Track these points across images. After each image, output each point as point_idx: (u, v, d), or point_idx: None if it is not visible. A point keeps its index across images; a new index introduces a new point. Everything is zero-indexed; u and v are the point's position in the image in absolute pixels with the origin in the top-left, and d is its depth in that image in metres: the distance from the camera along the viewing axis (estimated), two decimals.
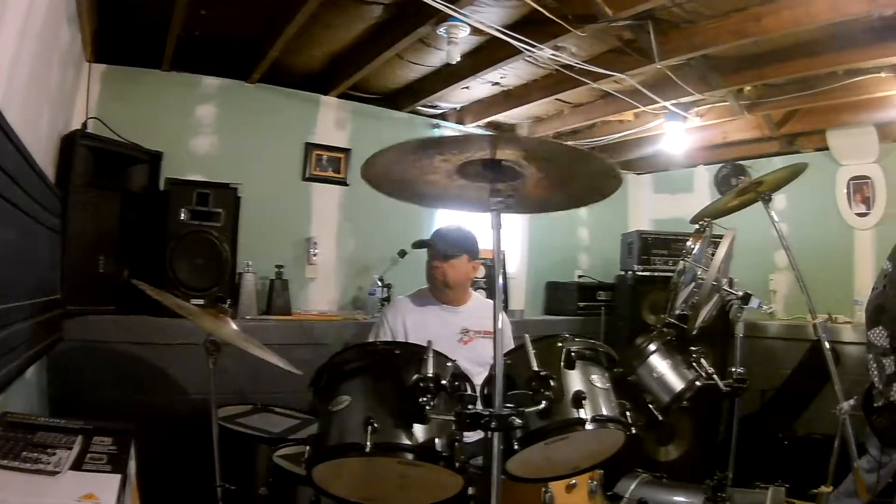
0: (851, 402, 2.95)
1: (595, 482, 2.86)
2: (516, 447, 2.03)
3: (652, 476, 3.66)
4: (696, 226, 3.57)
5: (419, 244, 3.67)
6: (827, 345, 3.01)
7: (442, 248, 3.56)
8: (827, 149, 6.19)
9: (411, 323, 3.60)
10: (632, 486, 3.48)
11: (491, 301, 2.30)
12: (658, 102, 5.11)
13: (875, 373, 3.58)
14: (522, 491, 2.50)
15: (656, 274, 5.77)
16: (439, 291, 3.66)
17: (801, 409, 5.46)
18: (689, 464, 5.19)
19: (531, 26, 4.05)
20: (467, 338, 3.57)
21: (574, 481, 2.71)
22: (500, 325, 1.93)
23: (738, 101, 5.33)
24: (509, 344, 2.83)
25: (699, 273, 3.38)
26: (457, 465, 1.98)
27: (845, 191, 6.14)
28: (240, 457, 3.31)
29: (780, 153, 6.49)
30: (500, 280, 1.95)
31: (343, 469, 2.03)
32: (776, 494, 3.48)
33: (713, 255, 3.37)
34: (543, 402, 1.97)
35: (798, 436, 5.38)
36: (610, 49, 4.51)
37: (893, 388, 3.48)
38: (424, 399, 1.94)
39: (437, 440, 1.98)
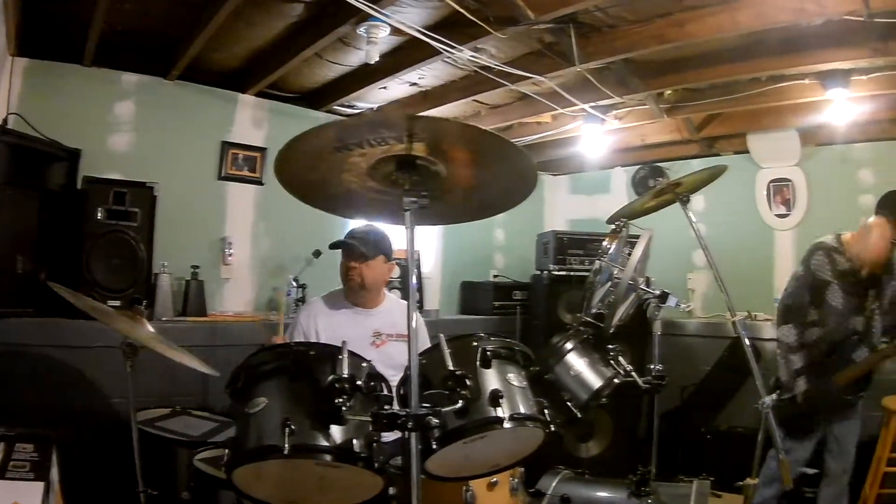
0: (774, 396, 2.98)
1: (516, 480, 2.88)
2: (435, 447, 2.04)
3: (573, 472, 3.68)
4: (613, 226, 3.62)
5: (336, 245, 3.62)
6: (747, 341, 3.07)
7: (359, 249, 3.53)
8: (747, 152, 6.41)
9: (323, 325, 3.56)
10: (554, 483, 3.49)
11: (405, 302, 2.29)
12: (577, 105, 5.20)
13: (782, 368, 3.99)
14: (443, 490, 2.51)
15: (572, 273, 5.89)
16: (354, 293, 3.63)
17: (722, 404, 5.63)
18: (610, 460, 5.28)
19: (451, 27, 4.08)
20: (380, 341, 3.55)
21: (495, 479, 2.73)
22: (414, 325, 1.95)
23: (658, 105, 5.47)
24: (425, 344, 2.86)
25: (615, 272, 3.42)
26: (375, 465, 1.98)
27: (765, 192, 6.39)
28: (161, 461, 3.28)
29: (699, 156, 6.73)
30: (414, 280, 1.97)
31: (263, 472, 2.01)
32: (701, 487, 3.56)
33: (630, 254, 3.42)
34: (460, 401, 1.99)
35: (721, 430, 5.53)
36: (530, 51, 4.59)
37: (798, 382, 3.87)
38: (340, 400, 1.93)
39: (354, 441, 1.97)
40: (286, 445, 1.88)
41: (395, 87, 5.41)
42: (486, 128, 4.84)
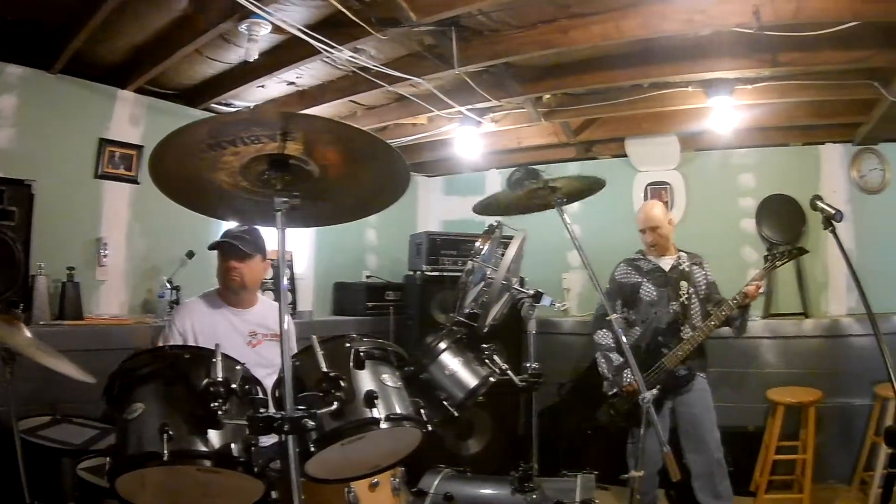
0: (654, 391, 3.04)
1: (397, 479, 2.97)
2: (313, 449, 2.06)
3: (455, 471, 3.75)
4: (486, 227, 3.74)
5: (217, 245, 3.60)
6: (624, 339, 3.11)
7: (240, 249, 3.52)
8: (625, 155, 6.73)
9: (199, 326, 3.54)
10: (436, 482, 3.55)
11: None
12: (453, 107, 5.31)
13: (604, 366, 4.44)
14: (325, 492, 2.56)
15: (445, 274, 6.01)
16: (233, 293, 3.63)
17: (601, 399, 5.84)
18: (491, 457, 5.45)
19: (333, 27, 4.12)
20: (255, 341, 3.56)
21: (376, 480, 2.80)
22: (286, 327, 2.00)
23: (537, 108, 5.60)
24: (295, 347, 2.92)
25: (489, 273, 3.50)
26: (255, 469, 1.99)
27: (642, 195, 6.74)
28: (45, 471, 3.20)
29: (576, 159, 6.99)
30: (286, 281, 2.01)
31: (146, 479, 1.98)
32: (586, 481, 3.66)
33: (503, 255, 3.50)
34: (335, 402, 2.02)
35: (601, 425, 5.76)
36: (409, 53, 4.67)
37: (624, 375, 4.27)
38: (216, 404, 1.94)
39: (232, 445, 1.98)
40: (165, 452, 1.87)
41: (273, 86, 5.40)
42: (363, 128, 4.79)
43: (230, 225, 3.82)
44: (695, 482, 4.41)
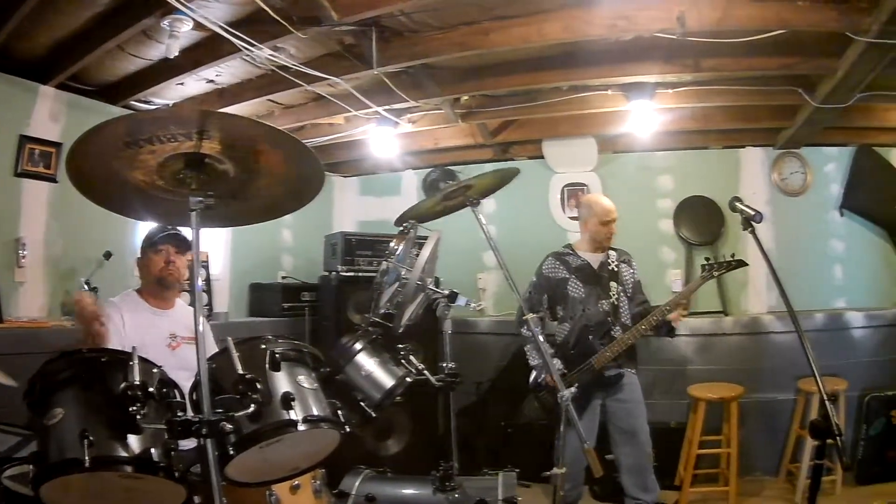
0: (573, 389, 3.13)
1: (318, 481, 3.02)
2: (232, 452, 2.08)
3: (375, 471, 3.79)
4: (401, 227, 3.71)
5: (159, 238, 3.59)
6: (541, 338, 3.24)
7: (185, 240, 3.54)
8: (542, 157, 6.96)
9: (119, 328, 3.47)
10: (357, 483, 3.58)
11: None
12: (370, 108, 5.40)
13: (534, 356, 4.53)
14: (247, 496, 2.57)
15: (360, 274, 6.07)
16: (165, 289, 3.63)
17: (519, 398, 5.98)
18: (411, 457, 5.52)
19: (254, 25, 4.17)
20: (175, 343, 3.56)
21: (297, 482, 2.83)
22: (202, 329, 2.05)
23: (454, 110, 5.75)
24: (213, 349, 2.96)
25: (403, 273, 3.53)
26: (176, 474, 2.00)
27: (559, 196, 7.00)
28: None
29: (493, 160, 7.17)
30: (201, 282, 2.05)
31: (70, 486, 1.98)
32: (507, 479, 3.72)
33: (418, 255, 3.52)
34: (252, 405, 2.05)
35: (520, 423, 5.92)
36: (328, 52, 4.75)
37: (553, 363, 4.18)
38: (134, 408, 1.96)
39: (152, 450, 1.99)
40: (86, 458, 1.88)
41: (192, 84, 5.42)
42: (279, 128, 4.95)
43: (149, 225, 3.81)
44: (624, 476, 4.53)
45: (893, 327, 6.32)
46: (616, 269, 4.72)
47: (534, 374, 4.64)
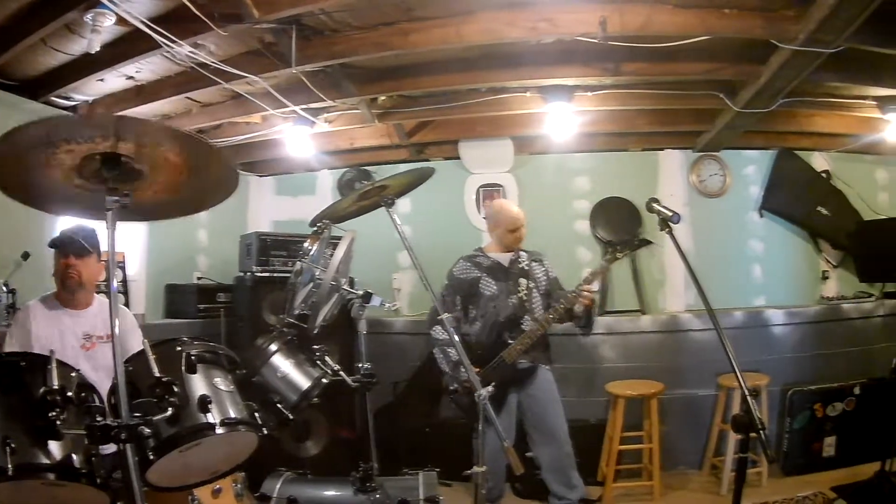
0: (490, 388, 3.14)
1: (239, 484, 3.10)
2: (151, 457, 2.11)
3: (296, 473, 3.84)
4: (315, 228, 3.78)
5: (56, 242, 3.61)
6: (456, 337, 3.29)
7: (79, 245, 3.53)
8: (458, 158, 7.14)
9: (37, 330, 3.52)
10: (278, 485, 3.63)
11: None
12: (288, 107, 5.44)
13: (443, 361, 4.59)
14: (169, 500, 2.61)
15: (275, 275, 6.08)
16: (70, 293, 3.62)
17: (437, 397, 6.11)
18: (331, 458, 5.59)
19: (175, 21, 4.18)
20: (89, 344, 3.58)
21: (218, 486, 2.90)
22: (117, 331, 2.03)
23: (371, 110, 5.84)
24: (138, 346, 3.00)
25: (317, 273, 3.57)
26: (98, 480, 2.04)
27: (474, 197, 7.20)
28: None
29: (408, 160, 7.30)
30: (116, 283, 2.02)
31: None
32: (428, 479, 3.83)
33: (332, 255, 3.60)
34: (170, 408, 2.08)
35: (439, 422, 6.08)
36: (248, 50, 4.78)
37: (460, 371, 4.38)
38: (54, 413, 1.98)
39: (74, 456, 2.02)
40: (9, 466, 1.90)
41: (112, 80, 5.38)
42: (197, 126, 4.96)
43: (67, 225, 3.80)
44: (546, 474, 4.65)
45: (815, 324, 6.63)
46: (527, 266, 4.87)
47: (446, 378, 4.70)
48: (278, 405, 3.10)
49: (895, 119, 6.18)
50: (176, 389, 2.13)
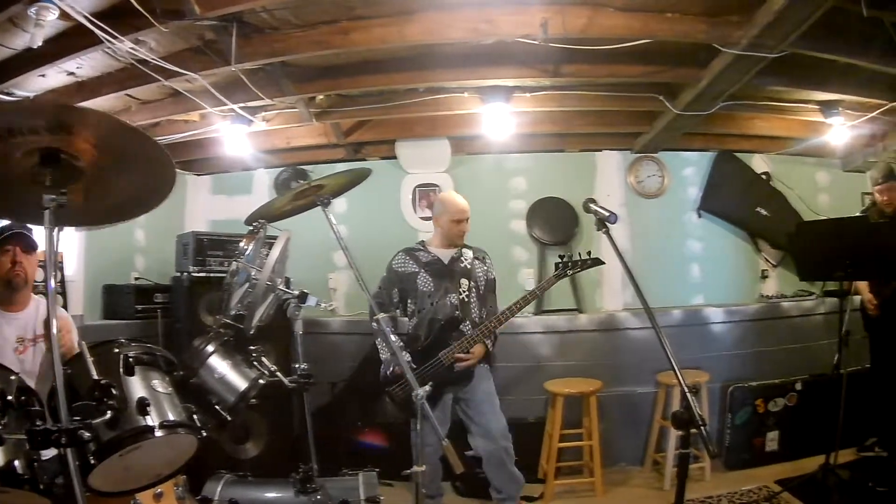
0: (427, 387, 3.19)
1: (181, 488, 3.10)
2: (93, 461, 2.12)
3: (236, 476, 3.87)
4: (251, 227, 3.79)
5: (4, 235, 3.54)
6: (393, 338, 3.34)
7: (28, 240, 3.50)
8: (394, 157, 7.20)
9: None
10: (219, 488, 3.66)
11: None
12: (226, 105, 5.43)
13: (384, 350, 4.64)
14: None
15: (212, 275, 6.06)
16: (13, 291, 3.56)
17: (375, 397, 6.10)
18: (271, 460, 5.58)
19: (117, 17, 4.12)
20: (23, 347, 3.50)
21: (160, 489, 2.87)
22: (54, 331, 2.00)
23: (309, 109, 5.85)
24: (74, 343, 2.93)
25: (253, 273, 3.62)
26: (41, 486, 2.04)
27: (410, 197, 7.27)
28: None
29: (345, 160, 7.33)
30: (53, 283, 2.04)
31: None
32: (368, 479, 3.89)
33: (267, 255, 3.63)
34: (109, 411, 2.08)
35: (377, 422, 6.10)
36: (188, 47, 4.74)
37: (403, 354, 4.34)
38: None
39: (16, 462, 2.03)
40: None
41: (54, 76, 5.27)
42: (136, 124, 4.90)
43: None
44: (486, 469, 4.72)
45: (754, 322, 6.85)
46: (469, 266, 4.92)
47: (383, 367, 4.73)
48: (216, 407, 3.13)
49: (837, 123, 6.36)
50: (115, 392, 2.13)
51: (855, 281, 5.52)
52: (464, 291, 4.80)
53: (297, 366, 3.65)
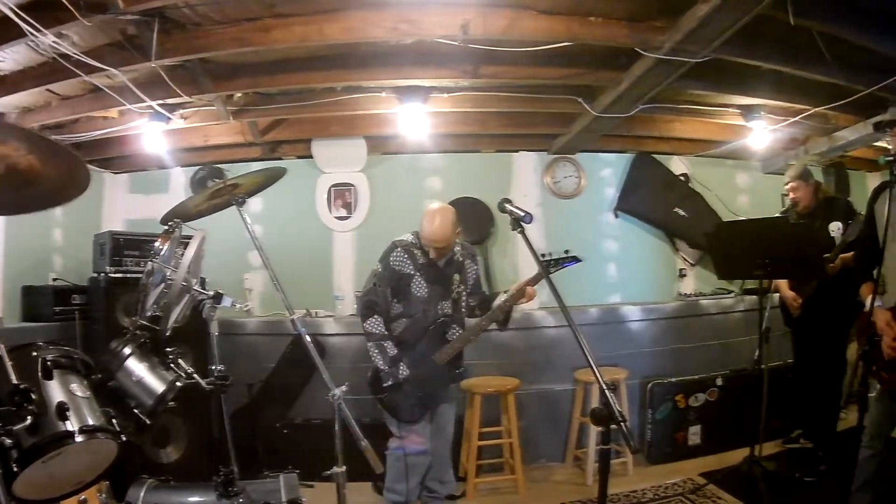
0: (343, 387, 3.26)
1: (104, 494, 3.07)
2: (16, 469, 2.09)
3: (158, 480, 3.81)
4: (166, 227, 3.75)
5: None
6: (308, 338, 3.37)
7: None
8: (310, 157, 7.24)
9: None
10: (142, 494, 3.61)
11: None
12: (145, 101, 5.35)
13: (378, 357, 4.49)
14: None
15: (129, 276, 5.94)
16: None
17: (293, 398, 6.21)
18: (192, 463, 5.52)
19: (41, 9, 4.04)
20: None
21: (83, 497, 2.82)
22: None
23: (226, 107, 5.83)
24: None
25: (168, 274, 3.54)
26: None
27: (325, 196, 7.31)
28: None
29: (261, 159, 7.33)
30: None
31: None
32: (289, 481, 3.91)
33: (183, 255, 3.59)
34: (29, 417, 2.07)
35: (296, 423, 6.16)
36: (109, 42, 4.66)
37: (400, 367, 4.43)
38: None
39: None
40: None
41: None
42: (56, 120, 4.80)
43: None
44: (432, 465, 4.73)
45: (672, 319, 7.04)
46: (461, 259, 4.82)
47: (373, 373, 4.65)
48: (135, 410, 3.11)
49: (759, 127, 6.55)
50: (34, 397, 2.12)
51: (774, 279, 5.67)
52: (454, 291, 4.74)
53: (213, 367, 3.62)
